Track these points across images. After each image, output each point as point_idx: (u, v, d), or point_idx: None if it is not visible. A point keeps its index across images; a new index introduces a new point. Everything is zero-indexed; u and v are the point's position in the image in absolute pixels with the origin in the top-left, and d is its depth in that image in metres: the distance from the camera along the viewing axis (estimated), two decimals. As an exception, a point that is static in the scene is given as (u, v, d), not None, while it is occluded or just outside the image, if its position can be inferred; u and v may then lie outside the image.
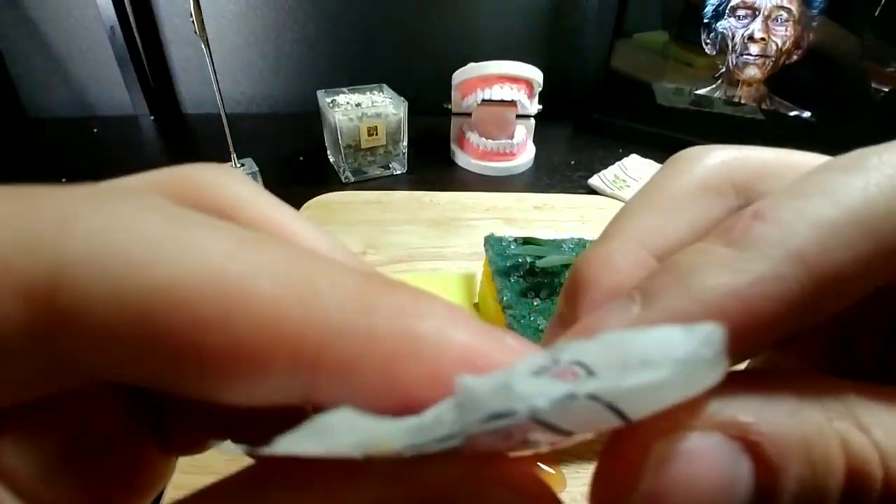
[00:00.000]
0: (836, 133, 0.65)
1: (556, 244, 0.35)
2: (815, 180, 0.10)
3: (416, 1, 0.79)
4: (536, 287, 0.31)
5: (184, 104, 0.87)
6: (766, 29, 0.64)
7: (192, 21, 0.47)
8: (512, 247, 0.34)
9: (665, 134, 0.74)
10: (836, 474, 0.08)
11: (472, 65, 0.61)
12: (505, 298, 0.30)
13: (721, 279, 0.09)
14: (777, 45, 0.64)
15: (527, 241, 0.34)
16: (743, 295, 0.09)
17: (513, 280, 0.31)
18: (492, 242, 0.35)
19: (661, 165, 0.16)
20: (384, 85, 0.64)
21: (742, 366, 0.11)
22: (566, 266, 0.33)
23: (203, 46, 0.48)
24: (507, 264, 0.32)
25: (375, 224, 0.47)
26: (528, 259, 0.33)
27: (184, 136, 0.78)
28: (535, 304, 0.29)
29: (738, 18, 0.64)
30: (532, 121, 0.67)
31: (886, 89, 0.61)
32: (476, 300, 0.37)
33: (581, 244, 0.36)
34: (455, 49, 0.80)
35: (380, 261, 0.43)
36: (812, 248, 0.09)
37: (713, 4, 0.65)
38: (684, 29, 0.70)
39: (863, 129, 0.63)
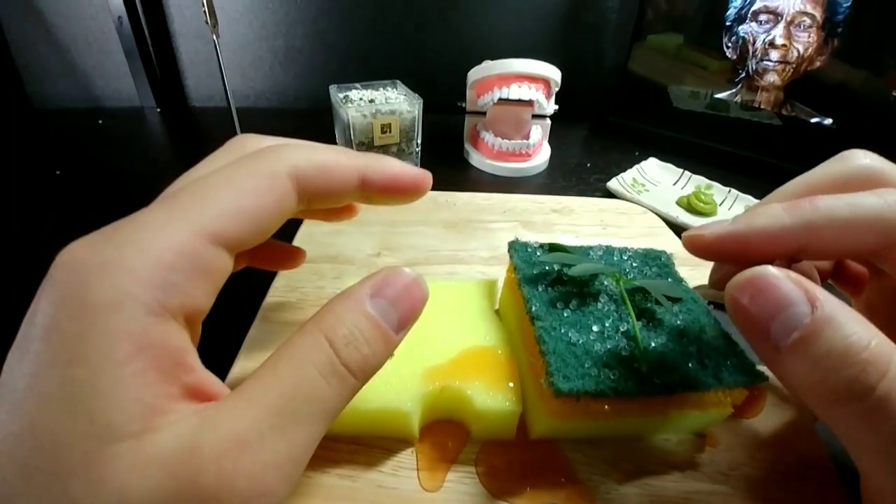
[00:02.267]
0: (856, 140, 0.64)
1: (583, 251, 0.34)
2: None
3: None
4: (566, 297, 0.29)
5: (191, 97, 0.86)
6: (788, 35, 0.62)
7: (205, 13, 0.45)
8: (538, 253, 0.33)
9: (681, 138, 0.73)
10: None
11: (487, 63, 0.60)
12: (533, 309, 0.28)
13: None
14: (798, 51, 0.63)
15: (553, 248, 0.33)
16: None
17: (540, 289, 0.30)
18: (517, 248, 0.33)
19: (677, 169, 0.52)
20: (398, 81, 0.63)
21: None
22: (595, 276, 0.31)
23: (214, 41, 0.47)
24: (535, 272, 0.31)
25: (390, 225, 0.46)
26: (556, 267, 0.31)
27: (190, 129, 0.77)
28: (564, 315, 0.28)
29: (760, 23, 0.63)
30: (548, 121, 0.66)
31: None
32: (497, 307, 0.36)
33: (609, 251, 0.34)
34: (470, 46, 0.78)
35: (395, 263, 0.42)
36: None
37: (736, 7, 0.64)
38: (702, 31, 0.68)
39: (883, 136, 0.62)
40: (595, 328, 0.28)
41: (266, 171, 0.20)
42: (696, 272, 0.43)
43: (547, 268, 0.31)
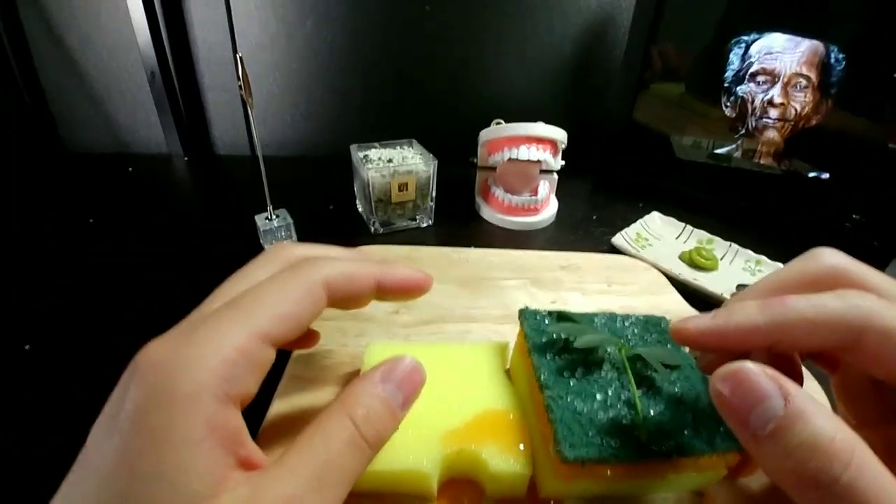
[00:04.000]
0: (853, 193, 0.67)
1: (588, 318, 0.37)
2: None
3: (446, 60, 0.82)
4: (572, 365, 0.32)
5: (217, 145, 0.91)
6: (786, 95, 0.66)
7: (240, 86, 0.49)
8: (546, 321, 0.36)
9: (683, 190, 0.76)
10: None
11: (497, 125, 0.64)
12: (542, 377, 0.31)
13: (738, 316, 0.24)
14: (796, 109, 0.66)
15: (560, 317, 0.36)
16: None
17: (549, 357, 0.33)
18: (527, 316, 0.36)
19: (679, 223, 0.60)
20: (414, 140, 0.67)
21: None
22: (599, 346, 0.34)
23: (249, 108, 0.51)
24: (543, 340, 0.34)
25: (407, 282, 0.49)
26: (563, 335, 0.34)
27: (217, 177, 0.81)
28: (570, 384, 0.31)
29: (759, 84, 0.67)
30: (555, 176, 0.69)
31: (904, 150, 0.63)
32: (507, 366, 0.39)
33: (612, 318, 0.37)
34: (483, 104, 0.83)
35: (410, 322, 0.45)
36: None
37: (734, 70, 0.67)
38: (702, 83, 0.72)
39: (880, 188, 0.65)
40: (599, 396, 0.30)
41: (306, 282, 0.26)
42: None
43: (555, 336, 0.34)
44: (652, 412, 0.30)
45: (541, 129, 0.61)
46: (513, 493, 0.31)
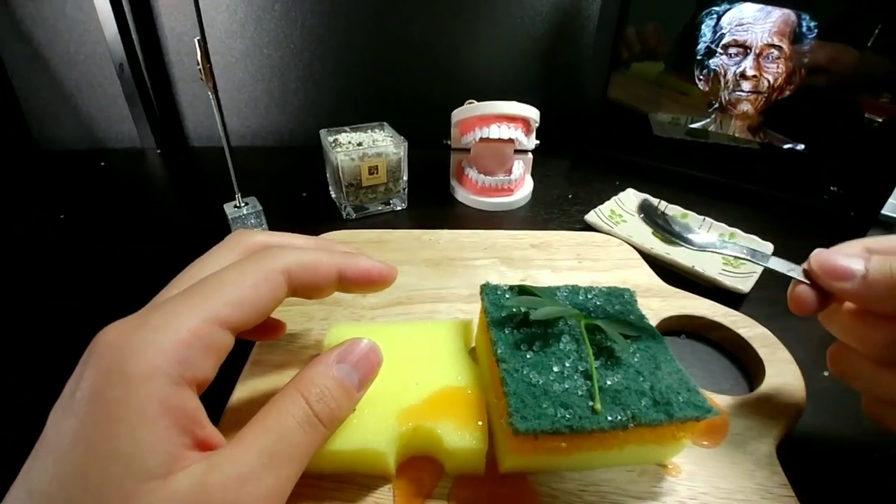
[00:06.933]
0: (829, 164, 0.66)
1: (550, 291, 0.36)
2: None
3: (419, 42, 0.81)
4: (530, 338, 0.32)
5: (190, 138, 0.89)
6: (758, 66, 0.65)
7: (200, 70, 0.48)
8: (507, 296, 0.35)
9: (661, 166, 0.75)
10: None
11: (469, 104, 0.63)
12: (499, 351, 0.31)
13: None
14: (769, 81, 0.65)
15: (522, 291, 0.36)
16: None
17: (507, 332, 0.32)
18: (487, 292, 0.36)
19: (654, 199, 0.58)
20: (385, 123, 0.66)
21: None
22: (559, 318, 0.33)
23: (210, 92, 0.50)
24: (502, 315, 0.33)
25: (376, 265, 0.48)
26: (523, 310, 0.34)
27: (190, 169, 0.80)
28: (527, 356, 0.30)
29: (730, 56, 0.66)
30: (530, 156, 0.69)
31: (880, 119, 0.63)
32: (473, 344, 0.38)
33: (574, 291, 0.37)
34: (456, 85, 0.82)
35: (377, 303, 0.44)
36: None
37: (705, 42, 0.67)
38: (679, 60, 0.71)
39: (856, 160, 0.64)
40: (555, 368, 0.30)
41: (264, 270, 0.26)
42: (666, 304, 0.46)
43: (514, 310, 0.34)
44: (609, 382, 0.29)
45: (511, 107, 0.61)
46: (472, 470, 0.30)
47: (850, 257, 0.29)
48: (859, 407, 0.32)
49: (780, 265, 0.33)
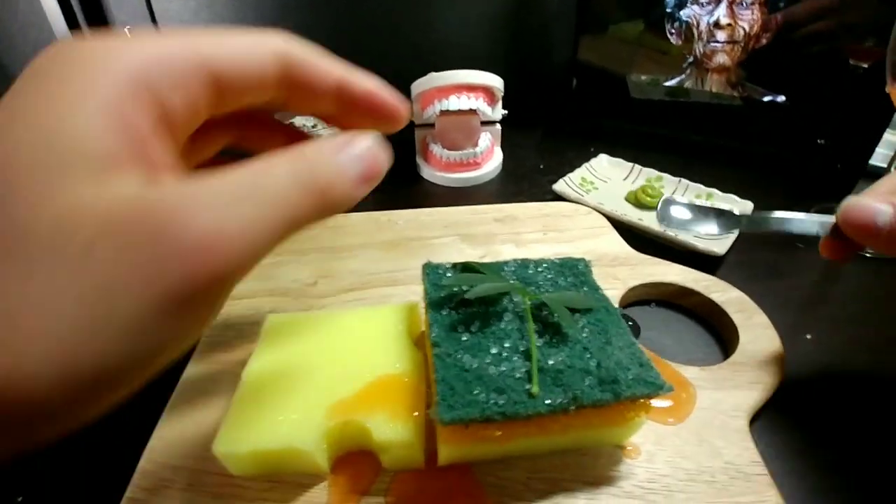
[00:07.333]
0: (813, 116, 0.63)
1: (497, 267, 0.34)
2: None
3: (377, 15, 0.77)
4: (469, 319, 0.29)
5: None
6: (732, 14, 0.61)
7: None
8: (448, 275, 0.33)
9: (640, 129, 0.72)
10: None
11: (429, 76, 0.60)
12: (433, 335, 0.28)
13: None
14: (745, 29, 0.62)
15: (465, 268, 0.33)
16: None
17: (444, 313, 0.30)
18: (428, 272, 0.33)
19: (627, 163, 0.58)
20: (343, 102, 0.63)
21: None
22: (503, 294, 0.31)
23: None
24: (441, 295, 0.31)
25: (328, 251, 0.46)
26: (465, 288, 0.31)
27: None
28: (463, 339, 0.28)
29: (702, 6, 0.62)
30: (498, 127, 0.65)
31: (866, 65, 0.59)
32: (423, 328, 0.36)
33: (524, 265, 0.34)
34: (419, 58, 0.78)
35: (330, 291, 0.42)
36: None
37: (675, -7, 0.63)
38: (652, 17, 0.68)
39: (841, 109, 0.61)
40: (493, 350, 0.27)
41: (259, 38, 0.20)
42: (634, 272, 0.43)
43: (455, 289, 0.31)
44: (552, 362, 0.27)
45: (470, 75, 0.57)
46: (410, 464, 0.28)
47: (877, 210, 0.29)
48: (842, 374, 0.30)
49: (809, 226, 0.33)
